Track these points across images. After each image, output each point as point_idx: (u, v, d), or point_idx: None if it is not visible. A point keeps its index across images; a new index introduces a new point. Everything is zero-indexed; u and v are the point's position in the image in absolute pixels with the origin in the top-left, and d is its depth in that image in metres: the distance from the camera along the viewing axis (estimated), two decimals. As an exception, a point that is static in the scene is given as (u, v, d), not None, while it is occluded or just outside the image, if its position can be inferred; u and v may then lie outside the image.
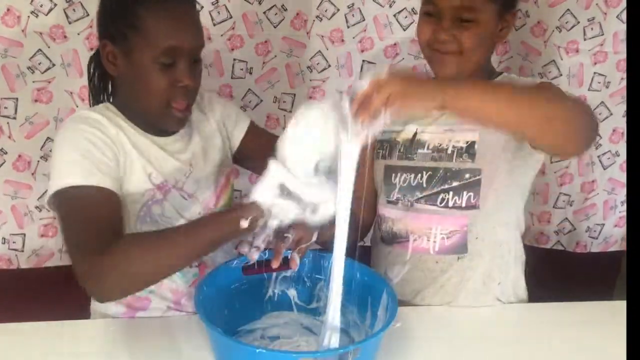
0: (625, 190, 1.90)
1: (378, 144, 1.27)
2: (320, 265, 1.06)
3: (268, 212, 0.89)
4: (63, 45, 1.53)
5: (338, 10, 1.66)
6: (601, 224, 1.94)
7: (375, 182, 1.27)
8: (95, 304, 1.16)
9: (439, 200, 1.16)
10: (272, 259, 0.97)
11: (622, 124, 1.83)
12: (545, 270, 1.63)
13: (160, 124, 1.07)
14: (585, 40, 1.73)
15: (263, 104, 1.73)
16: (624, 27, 1.71)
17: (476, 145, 1.13)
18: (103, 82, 1.15)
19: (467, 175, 1.13)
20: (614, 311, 1.15)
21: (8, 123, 1.56)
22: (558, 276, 1.87)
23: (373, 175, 1.28)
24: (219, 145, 1.20)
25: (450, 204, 1.15)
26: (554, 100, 0.94)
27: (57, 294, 1.51)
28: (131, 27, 0.99)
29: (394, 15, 1.69)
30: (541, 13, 1.73)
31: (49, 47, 1.52)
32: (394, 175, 1.22)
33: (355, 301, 1.04)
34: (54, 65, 1.54)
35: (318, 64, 1.71)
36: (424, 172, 1.18)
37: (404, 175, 1.20)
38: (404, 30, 1.71)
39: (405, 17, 1.69)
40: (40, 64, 1.53)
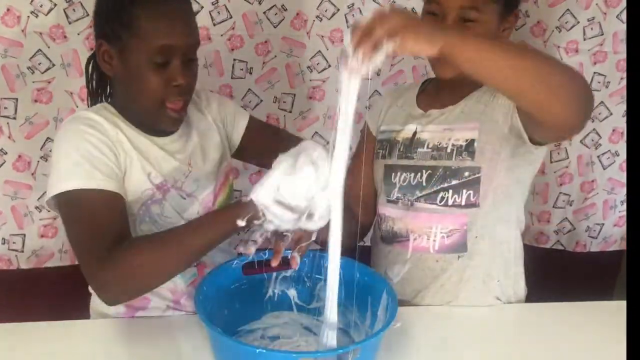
0: (624, 190, 1.91)
1: (378, 143, 1.27)
2: (320, 265, 1.06)
3: (263, 214, 0.89)
4: (63, 45, 1.53)
5: (338, 10, 1.66)
6: (601, 224, 1.95)
7: (375, 182, 1.27)
8: (95, 303, 1.16)
9: (438, 198, 1.16)
10: (272, 258, 0.97)
11: (622, 123, 1.83)
12: (545, 270, 1.63)
13: (156, 123, 1.07)
14: (585, 40, 1.73)
15: (263, 104, 1.73)
16: (623, 27, 1.71)
17: (475, 143, 1.13)
18: (101, 83, 1.15)
19: (467, 174, 1.13)
20: (614, 311, 1.15)
21: (8, 123, 1.56)
22: (558, 276, 1.87)
23: (373, 174, 1.28)
24: (218, 144, 1.20)
25: (450, 203, 1.15)
26: (554, 63, 0.91)
27: (57, 294, 1.52)
28: (125, 27, 0.99)
29: (394, 15, 1.69)
30: (541, 13, 1.73)
31: (49, 47, 1.53)
32: (393, 174, 1.22)
33: (355, 301, 1.05)
34: (53, 65, 1.54)
35: (318, 64, 1.71)
36: (424, 171, 1.18)
37: (404, 174, 1.20)
38: (404, 30, 1.70)
39: (406, 17, 1.69)
40: (40, 64, 1.53)
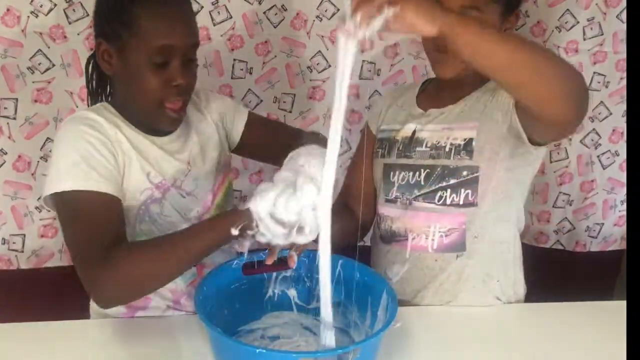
0: (624, 190, 1.91)
1: (378, 142, 1.28)
2: (320, 265, 1.06)
3: (257, 225, 0.88)
4: (63, 45, 1.53)
5: (338, 10, 1.66)
6: (600, 224, 1.95)
7: (375, 181, 1.27)
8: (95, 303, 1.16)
9: (436, 198, 1.16)
10: (267, 257, 0.97)
11: (622, 123, 1.83)
12: (544, 269, 1.63)
13: (155, 123, 1.07)
14: (584, 40, 1.73)
15: (263, 104, 1.73)
16: (623, 27, 1.71)
17: (474, 143, 1.13)
18: (101, 82, 1.15)
19: (465, 173, 1.13)
20: (614, 311, 1.15)
21: (8, 123, 1.56)
22: (558, 275, 1.87)
23: (372, 173, 1.28)
24: (217, 143, 1.20)
25: (448, 202, 1.15)
26: (553, 57, 0.91)
27: (57, 294, 1.52)
28: (125, 26, 0.98)
29: (394, 15, 1.69)
30: (541, 13, 1.74)
31: (49, 48, 1.53)
32: (392, 173, 1.22)
33: (355, 301, 1.05)
34: (53, 65, 1.54)
35: (318, 64, 1.71)
36: (422, 170, 1.18)
37: (403, 173, 1.20)
38: (404, 30, 1.70)
39: (405, 17, 1.69)
40: (40, 64, 1.53)
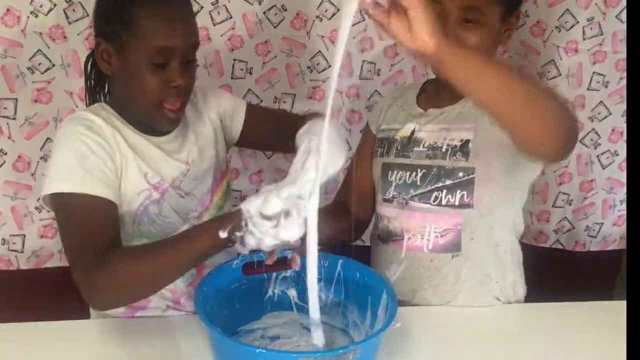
0: (624, 190, 1.91)
1: (377, 141, 1.28)
2: (320, 265, 1.06)
3: (246, 223, 0.85)
4: (63, 45, 1.53)
5: (338, 10, 1.66)
6: (600, 223, 1.95)
7: (374, 180, 1.27)
8: (95, 303, 1.16)
9: (432, 198, 1.15)
10: (267, 257, 0.96)
11: (621, 123, 1.83)
12: (544, 269, 1.63)
13: (153, 123, 1.07)
14: (584, 40, 1.73)
15: (263, 104, 1.73)
16: (623, 27, 1.71)
17: (470, 144, 1.13)
18: (99, 81, 1.14)
19: (461, 174, 1.13)
20: (614, 311, 1.15)
21: (8, 123, 1.56)
22: (557, 275, 1.87)
23: (372, 173, 1.28)
24: (214, 142, 1.20)
25: (443, 202, 1.15)
26: (547, 95, 0.89)
27: (57, 294, 1.52)
28: (125, 26, 0.98)
29: (394, 15, 1.69)
30: (540, 13, 1.74)
31: (49, 48, 1.52)
32: (390, 172, 1.22)
33: (355, 301, 1.05)
34: (53, 65, 1.54)
35: (318, 64, 1.71)
36: (419, 170, 1.17)
37: (400, 172, 1.20)
38: (404, 30, 1.70)
39: (405, 17, 1.69)
40: (40, 64, 1.53)
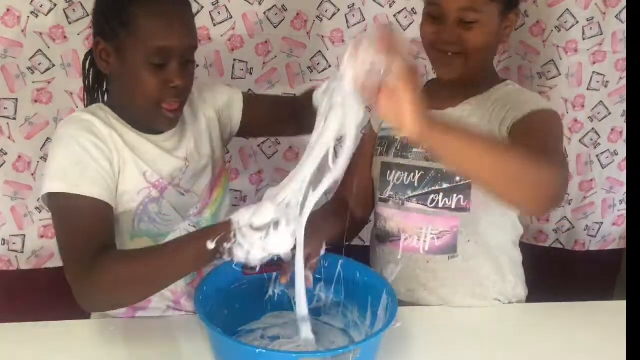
0: (623, 189, 1.90)
1: (378, 140, 1.27)
2: (320, 266, 1.06)
3: (234, 234, 0.84)
4: (63, 45, 1.53)
5: (338, 10, 1.66)
6: (599, 223, 1.94)
7: (374, 179, 1.27)
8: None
9: (429, 200, 1.15)
10: (280, 276, 1.03)
11: (621, 123, 1.83)
12: (544, 268, 1.63)
13: (152, 123, 1.07)
14: (584, 40, 1.73)
15: (263, 104, 1.73)
16: (622, 27, 1.71)
17: None
18: (98, 80, 1.14)
19: (458, 178, 1.13)
20: (614, 311, 1.15)
21: (8, 124, 1.56)
22: (557, 274, 1.87)
23: (372, 172, 1.28)
24: (210, 137, 1.19)
25: (440, 205, 1.14)
26: (531, 162, 0.87)
27: (57, 294, 1.51)
28: (123, 26, 0.98)
29: (394, 16, 1.69)
30: (540, 13, 1.73)
31: (49, 48, 1.52)
32: (388, 172, 1.22)
33: (355, 301, 1.05)
34: (53, 65, 1.54)
35: (318, 64, 1.71)
36: (417, 172, 1.17)
37: (398, 173, 1.20)
38: (404, 30, 1.70)
39: (405, 17, 1.69)
40: (40, 64, 1.53)
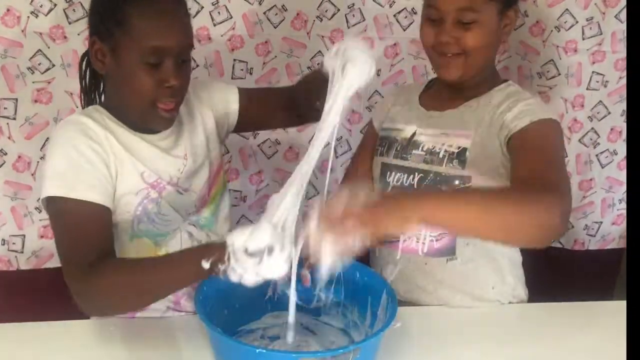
0: (622, 189, 1.91)
1: (379, 140, 1.28)
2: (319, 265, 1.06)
3: (229, 258, 0.83)
4: (63, 45, 1.53)
5: (338, 10, 1.66)
6: (599, 222, 1.94)
7: (374, 179, 1.27)
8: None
9: None
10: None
11: (620, 122, 1.83)
12: (543, 267, 1.63)
13: (147, 123, 1.06)
14: (583, 39, 1.73)
15: (263, 104, 1.73)
16: (622, 27, 1.71)
17: (467, 152, 1.12)
18: (94, 82, 1.14)
19: (457, 182, 1.13)
20: (614, 311, 1.16)
21: (8, 124, 1.56)
22: (556, 273, 1.87)
23: (372, 171, 1.28)
24: (206, 135, 1.19)
25: None
26: (525, 204, 0.87)
27: (57, 294, 1.51)
28: (118, 25, 0.98)
29: (394, 15, 1.70)
30: (540, 13, 1.73)
31: (49, 48, 1.52)
32: (388, 173, 1.22)
33: (355, 301, 1.05)
34: (53, 65, 1.54)
35: (318, 64, 1.70)
36: (416, 174, 1.17)
37: (398, 174, 1.20)
38: (404, 30, 1.71)
39: (405, 17, 1.70)
40: (40, 64, 1.53)
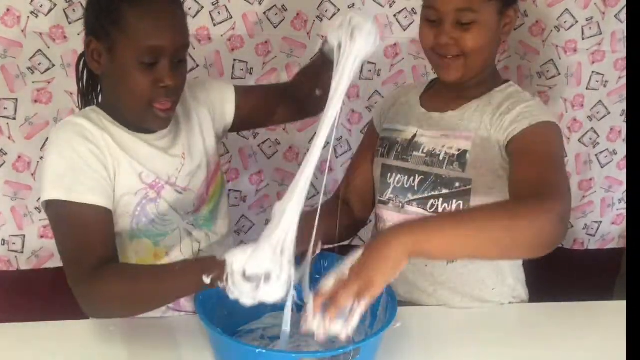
0: (622, 188, 1.91)
1: (379, 141, 1.27)
2: (320, 266, 1.06)
3: (227, 279, 0.82)
4: (63, 45, 1.53)
5: (338, 10, 1.66)
6: (598, 222, 1.95)
7: (375, 180, 1.27)
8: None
9: (428, 205, 1.15)
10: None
11: (620, 122, 1.83)
12: (543, 266, 1.63)
13: (144, 123, 1.06)
14: (583, 39, 1.73)
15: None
16: (622, 27, 1.71)
17: (467, 155, 1.12)
18: (91, 82, 1.14)
19: (457, 184, 1.13)
20: (614, 311, 1.16)
21: (8, 124, 1.56)
22: (556, 273, 1.86)
23: (373, 172, 1.28)
24: (202, 134, 1.19)
25: (439, 210, 1.14)
26: (522, 217, 0.87)
27: (57, 294, 1.51)
28: (114, 24, 0.98)
29: (394, 15, 1.70)
30: (540, 13, 1.74)
31: (49, 48, 1.52)
32: (389, 174, 1.22)
33: (355, 301, 1.05)
34: (53, 65, 1.54)
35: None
36: (417, 176, 1.17)
37: (398, 176, 1.20)
38: (404, 30, 1.71)
39: (405, 17, 1.70)
40: (40, 64, 1.53)
